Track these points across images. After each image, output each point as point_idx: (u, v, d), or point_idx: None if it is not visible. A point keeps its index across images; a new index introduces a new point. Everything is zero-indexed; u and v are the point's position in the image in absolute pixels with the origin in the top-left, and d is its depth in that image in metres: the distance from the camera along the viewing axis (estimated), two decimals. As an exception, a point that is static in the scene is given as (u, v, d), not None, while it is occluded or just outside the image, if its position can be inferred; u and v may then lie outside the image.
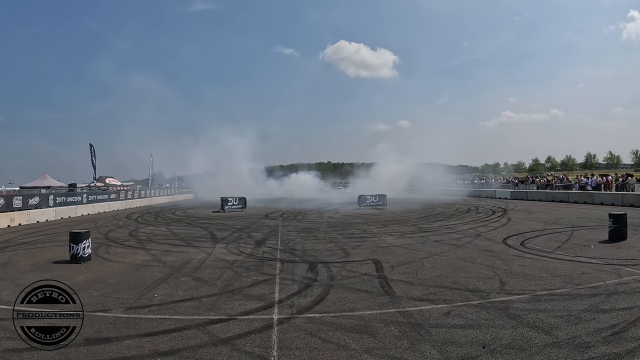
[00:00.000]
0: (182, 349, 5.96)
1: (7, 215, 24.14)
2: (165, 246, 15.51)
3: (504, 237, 15.73)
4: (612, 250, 12.62)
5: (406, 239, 16.13)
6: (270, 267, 11.42)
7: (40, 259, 12.99)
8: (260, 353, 5.81)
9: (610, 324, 6.52)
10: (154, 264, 12.19)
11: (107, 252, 14.17)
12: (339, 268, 11.10)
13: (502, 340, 6.04)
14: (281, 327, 6.82)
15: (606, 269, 10.26)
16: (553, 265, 10.82)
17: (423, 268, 10.95)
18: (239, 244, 15.58)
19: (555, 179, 44.06)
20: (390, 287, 9.11)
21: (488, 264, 11.20)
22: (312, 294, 8.75)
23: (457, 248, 13.89)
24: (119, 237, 18.43)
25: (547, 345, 5.80)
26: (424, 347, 5.89)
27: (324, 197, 50.56)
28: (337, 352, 5.79)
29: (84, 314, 7.40)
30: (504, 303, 7.78)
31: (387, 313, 7.40)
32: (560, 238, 15.24)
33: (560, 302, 7.75)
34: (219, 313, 7.58)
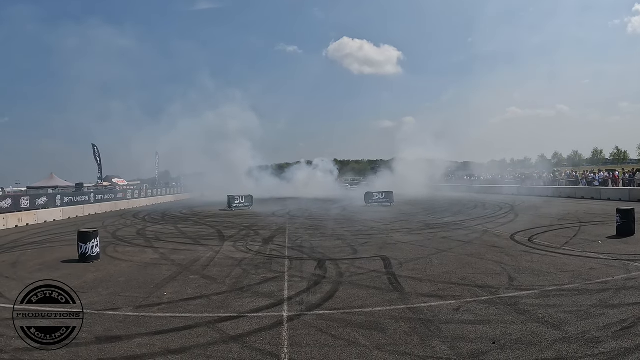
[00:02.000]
0: (193, 347, 5.99)
1: (15, 216, 24.24)
2: (173, 244, 15.58)
3: (511, 233, 15.69)
4: (620, 245, 12.57)
5: (414, 236, 16.13)
6: (278, 265, 11.46)
7: (49, 259, 13.07)
8: (270, 350, 5.83)
9: (619, 319, 6.51)
10: (163, 262, 12.25)
11: (115, 251, 14.24)
12: (347, 265, 11.13)
13: (512, 335, 6.04)
14: (291, 324, 6.85)
15: (614, 264, 10.22)
16: (561, 260, 10.80)
17: (431, 264, 10.96)
18: (247, 242, 15.63)
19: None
20: (399, 284, 9.12)
21: (496, 259, 11.19)
22: (322, 291, 8.77)
23: (465, 244, 13.88)
24: (127, 236, 18.51)
25: (557, 340, 5.79)
26: (434, 343, 5.90)
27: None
28: (348, 349, 5.81)
29: (94, 312, 7.51)
30: (513, 299, 7.77)
31: (396, 309, 7.41)
32: (568, 234, 15.19)
33: (570, 297, 7.74)
34: (228, 311, 7.61)
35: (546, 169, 56.01)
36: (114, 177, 59.25)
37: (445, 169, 60.75)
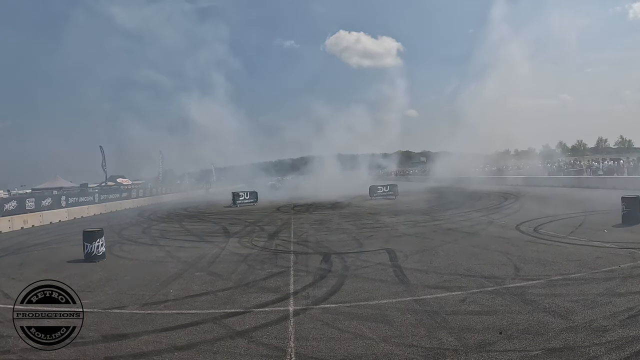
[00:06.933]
0: (199, 343, 6.01)
1: (20, 217, 24.30)
2: (179, 242, 15.60)
3: (517, 224, 15.65)
4: (626, 234, 12.52)
5: (419, 228, 16.11)
6: (284, 260, 11.47)
7: (55, 259, 13.11)
8: (277, 344, 5.84)
9: (626, 307, 6.48)
10: (168, 259, 12.27)
11: (121, 250, 14.28)
12: (352, 258, 11.12)
13: (519, 325, 6.03)
14: (297, 318, 6.86)
15: (620, 252, 10.18)
16: (567, 250, 10.76)
17: (437, 256, 10.95)
18: (252, 238, 15.65)
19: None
20: (405, 276, 9.11)
21: (502, 250, 11.16)
22: (327, 284, 8.77)
23: (470, 235, 13.86)
24: (132, 234, 18.57)
25: (564, 329, 5.77)
26: (440, 334, 5.89)
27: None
28: (354, 342, 5.81)
29: (101, 311, 7.53)
30: (519, 289, 7.75)
31: (402, 301, 7.41)
32: (573, 223, 15.13)
33: (576, 286, 7.71)
34: (234, 306, 7.62)
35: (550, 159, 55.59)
36: (118, 177, 59.37)
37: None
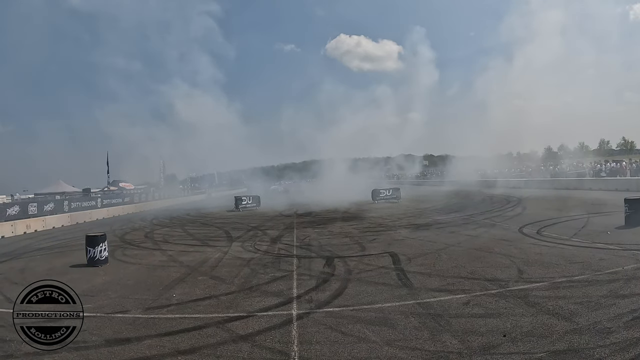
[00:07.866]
0: (203, 347, 6.00)
1: (23, 222, 24.35)
2: (181, 246, 15.59)
3: (520, 226, 15.62)
4: (629, 235, 12.48)
5: (422, 231, 16.10)
6: (287, 264, 11.46)
7: (57, 264, 13.09)
8: (280, 348, 5.83)
9: (630, 308, 6.46)
10: (171, 264, 12.26)
11: (123, 255, 14.26)
12: (355, 262, 11.10)
13: (523, 328, 6.01)
14: (301, 322, 6.84)
15: (624, 254, 10.15)
16: (570, 252, 10.73)
17: (440, 259, 10.92)
18: (255, 242, 15.63)
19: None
20: (408, 279, 9.09)
21: (505, 253, 11.14)
22: (330, 288, 8.75)
23: (473, 238, 13.83)
24: (135, 239, 18.54)
25: (568, 332, 5.76)
26: (444, 337, 5.88)
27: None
28: (358, 345, 5.79)
29: (104, 315, 7.53)
30: (522, 291, 7.73)
31: (406, 305, 7.39)
32: (576, 225, 15.09)
33: (579, 288, 7.69)
34: (237, 310, 7.61)
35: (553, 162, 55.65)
36: (121, 182, 59.45)
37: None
